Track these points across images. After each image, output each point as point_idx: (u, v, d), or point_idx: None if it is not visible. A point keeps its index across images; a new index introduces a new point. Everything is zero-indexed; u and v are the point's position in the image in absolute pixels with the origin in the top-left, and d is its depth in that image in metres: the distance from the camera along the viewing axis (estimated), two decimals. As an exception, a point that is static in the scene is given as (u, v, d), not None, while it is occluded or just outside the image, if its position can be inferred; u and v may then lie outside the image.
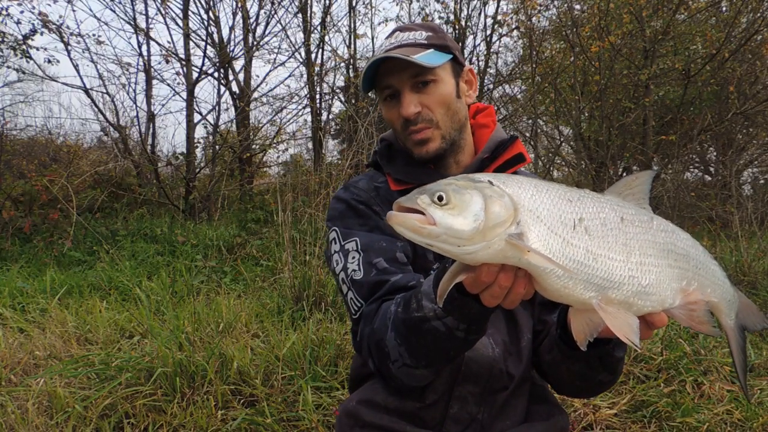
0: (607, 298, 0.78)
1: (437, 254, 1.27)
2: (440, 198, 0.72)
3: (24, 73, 8.43)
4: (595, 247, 0.77)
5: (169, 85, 9.15)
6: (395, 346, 1.07)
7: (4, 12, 7.27)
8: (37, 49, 8.36)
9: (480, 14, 10.41)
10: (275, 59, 9.35)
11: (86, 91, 7.98)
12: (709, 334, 0.85)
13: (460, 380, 1.22)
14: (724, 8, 9.88)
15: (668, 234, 0.86)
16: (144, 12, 8.12)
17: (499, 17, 10.14)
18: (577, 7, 10.65)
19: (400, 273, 1.18)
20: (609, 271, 0.77)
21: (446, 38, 1.26)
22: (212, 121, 8.83)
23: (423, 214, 0.72)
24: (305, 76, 9.32)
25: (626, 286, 0.78)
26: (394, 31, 1.27)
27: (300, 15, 9.14)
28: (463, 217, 0.71)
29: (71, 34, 7.63)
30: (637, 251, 0.80)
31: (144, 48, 8.33)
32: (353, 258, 1.21)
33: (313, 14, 9.29)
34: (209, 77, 8.74)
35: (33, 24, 7.44)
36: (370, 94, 1.54)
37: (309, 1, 9.07)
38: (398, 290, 1.15)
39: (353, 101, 9.36)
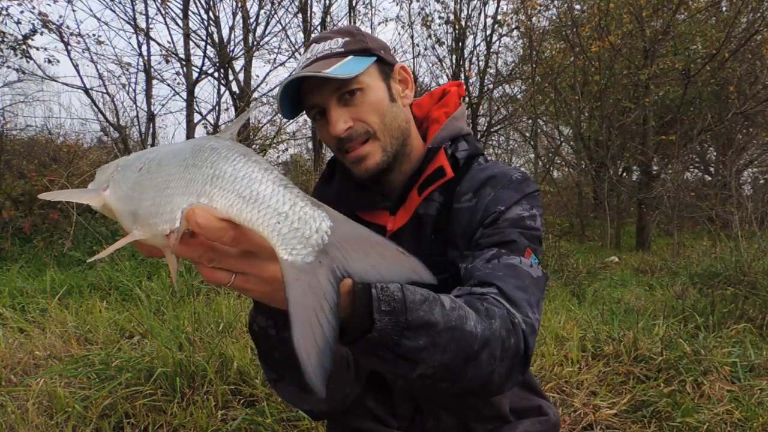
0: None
1: None
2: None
3: (24, 73, 8.43)
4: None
5: (169, 85, 9.12)
6: (259, 356, 0.96)
7: (4, 12, 7.28)
8: (37, 49, 8.36)
9: (480, 14, 10.44)
10: (275, 59, 9.38)
11: (86, 91, 7.98)
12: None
13: (425, 408, 1.13)
14: (724, 8, 9.89)
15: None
16: (144, 12, 8.14)
17: (499, 17, 10.15)
18: (577, 7, 10.66)
19: None
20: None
21: (366, 39, 1.12)
22: (212, 121, 8.85)
23: None
24: (305, 76, 9.32)
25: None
26: (310, 44, 1.13)
27: (300, 15, 9.17)
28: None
29: (71, 34, 7.65)
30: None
31: (144, 48, 8.36)
32: None
33: (313, 14, 9.33)
34: (209, 77, 8.77)
35: (33, 24, 7.44)
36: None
37: (309, 1, 9.09)
38: None
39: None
